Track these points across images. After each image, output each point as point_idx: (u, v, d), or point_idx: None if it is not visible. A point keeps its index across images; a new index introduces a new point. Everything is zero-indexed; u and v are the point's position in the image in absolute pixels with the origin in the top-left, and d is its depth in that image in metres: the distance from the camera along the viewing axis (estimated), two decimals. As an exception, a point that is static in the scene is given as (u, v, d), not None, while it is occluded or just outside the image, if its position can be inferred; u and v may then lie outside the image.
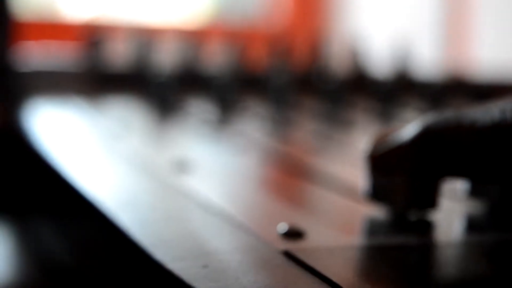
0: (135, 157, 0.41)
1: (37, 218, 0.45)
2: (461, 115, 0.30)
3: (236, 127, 0.54)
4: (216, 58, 0.77)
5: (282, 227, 0.28)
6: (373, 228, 0.31)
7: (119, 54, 0.72)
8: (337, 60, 0.79)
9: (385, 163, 0.32)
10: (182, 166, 0.39)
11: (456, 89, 0.78)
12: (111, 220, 0.30)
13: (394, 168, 0.31)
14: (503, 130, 0.29)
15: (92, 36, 0.73)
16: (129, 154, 0.42)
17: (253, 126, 0.55)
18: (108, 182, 0.36)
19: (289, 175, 0.40)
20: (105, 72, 0.70)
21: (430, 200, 0.31)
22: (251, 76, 0.72)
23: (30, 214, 0.48)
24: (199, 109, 0.62)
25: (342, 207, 0.34)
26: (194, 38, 0.78)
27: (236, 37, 0.77)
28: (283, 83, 0.66)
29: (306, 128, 0.57)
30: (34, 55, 0.70)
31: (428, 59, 1.13)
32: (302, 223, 0.30)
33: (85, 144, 0.47)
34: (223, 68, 0.67)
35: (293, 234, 0.28)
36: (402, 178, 0.31)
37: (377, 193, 0.32)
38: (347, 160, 0.44)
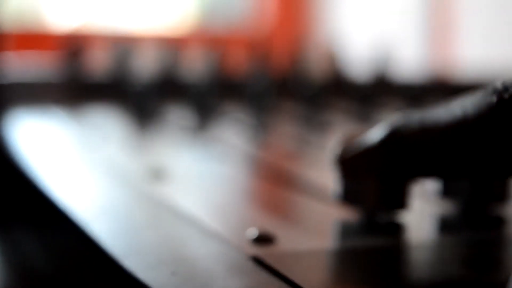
0: (112, 166, 0.41)
1: (19, 228, 0.45)
2: (425, 115, 0.30)
3: (214, 134, 0.54)
4: (196, 65, 0.77)
5: (252, 232, 0.28)
6: (344, 231, 0.32)
7: (99, 63, 0.72)
8: (316, 63, 0.79)
9: (353, 166, 0.32)
10: (158, 174, 0.39)
11: (437, 89, 0.78)
12: (85, 230, 0.30)
13: (363, 170, 0.31)
14: (464, 127, 0.29)
15: (72, 45, 0.73)
16: (106, 163, 0.42)
17: (231, 132, 0.55)
18: (83, 192, 0.36)
19: (265, 181, 0.40)
20: (84, 82, 0.70)
21: (400, 201, 0.32)
22: (230, 82, 0.72)
23: (11, 224, 0.48)
24: (178, 116, 0.62)
25: (315, 211, 0.34)
26: (174, 45, 0.78)
27: (218, 43, 0.77)
28: (262, 88, 0.66)
29: (285, 132, 0.57)
30: (13, 66, 0.70)
31: (412, 60, 1.14)
32: (273, 228, 0.30)
33: (62, 154, 0.47)
34: (202, 74, 0.67)
35: (263, 239, 0.28)
36: (371, 180, 0.31)
37: (347, 196, 0.32)
38: (323, 164, 0.44)
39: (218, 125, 0.59)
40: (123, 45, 0.74)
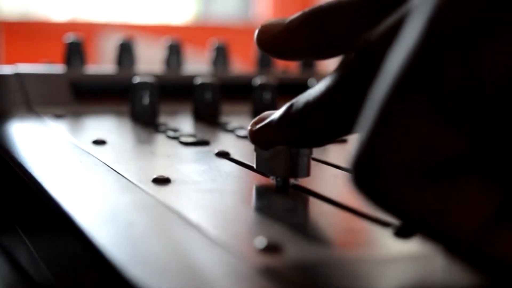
0: (114, 172, 0.40)
1: (13, 237, 0.44)
2: (310, 89, 0.33)
3: (218, 141, 0.53)
4: (197, 66, 0.77)
5: (260, 241, 0.28)
6: (361, 240, 0.31)
7: (100, 59, 0.71)
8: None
9: (259, 138, 0.36)
10: (161, 182, 0.38)
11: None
12: (88, 236, 0.29)
13: (266, 142, 0.36)
14: (332, 89, 0.31)
15: (72, 40, 0.72)
16: (108, 169, 0.41)
17: (237, 141, 0.54)
18: (86, 199, 0.36)
19: (271, 189, 0.39)
20: (85, 83, 0.69)
21: (299, 170, 0.36)
22: (234, 86, 0.71)
23: (4, 231, 0.47)
24: (181, 123, 0.61)
25: (324, 218, 0.34)
26: (176, 40, 0.77)
27: (219, 34, 0.77)
28: (268, 96, 0.65)
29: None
30: (12, 65, 0.69)
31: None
32: (281, 236, 0.29)
33: (62, 159, 0.46)
34: (204, 79, 0.65)
35: (271, 248, 0.27)
36: (275, 151, 0.36)
37: (259, 166, 0.37)
38: (329, 172, 0.43)
39: (222, 133, 0.57)
40: (125, 41, 0.74)
